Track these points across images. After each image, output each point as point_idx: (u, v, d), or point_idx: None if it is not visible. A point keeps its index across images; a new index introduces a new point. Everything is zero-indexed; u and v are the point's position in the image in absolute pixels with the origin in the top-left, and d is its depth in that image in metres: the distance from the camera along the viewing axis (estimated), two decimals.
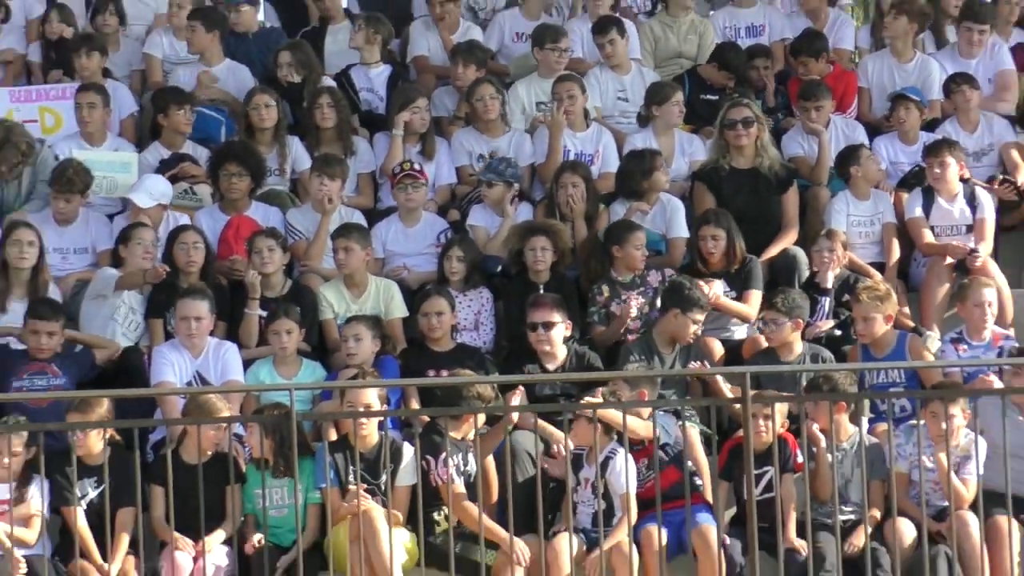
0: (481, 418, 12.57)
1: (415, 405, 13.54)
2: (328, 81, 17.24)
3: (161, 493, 12.24)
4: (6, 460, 12.03)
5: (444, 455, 12.30)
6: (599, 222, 15.45)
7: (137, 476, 11.72)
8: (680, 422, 12.94)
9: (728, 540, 12.26)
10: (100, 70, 16.98)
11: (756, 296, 14.69)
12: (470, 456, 12.66)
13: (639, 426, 12.44)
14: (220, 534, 12.50)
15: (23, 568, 11.99)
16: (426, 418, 13.04)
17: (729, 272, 14.81)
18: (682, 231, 15.43)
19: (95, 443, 12.24)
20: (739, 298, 14.89)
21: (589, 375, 13.73)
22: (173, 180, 15.75)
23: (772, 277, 15.00)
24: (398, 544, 12.15)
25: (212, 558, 12.37)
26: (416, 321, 14.48)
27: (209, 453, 12.59)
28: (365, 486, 12.29)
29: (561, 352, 14.03)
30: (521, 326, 14.27)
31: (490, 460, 12.61)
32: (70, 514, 12.20)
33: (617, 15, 18.34)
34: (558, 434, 12.92)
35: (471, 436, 12.55)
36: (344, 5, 19.87)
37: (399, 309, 14.79)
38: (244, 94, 17.00)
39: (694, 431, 12.92)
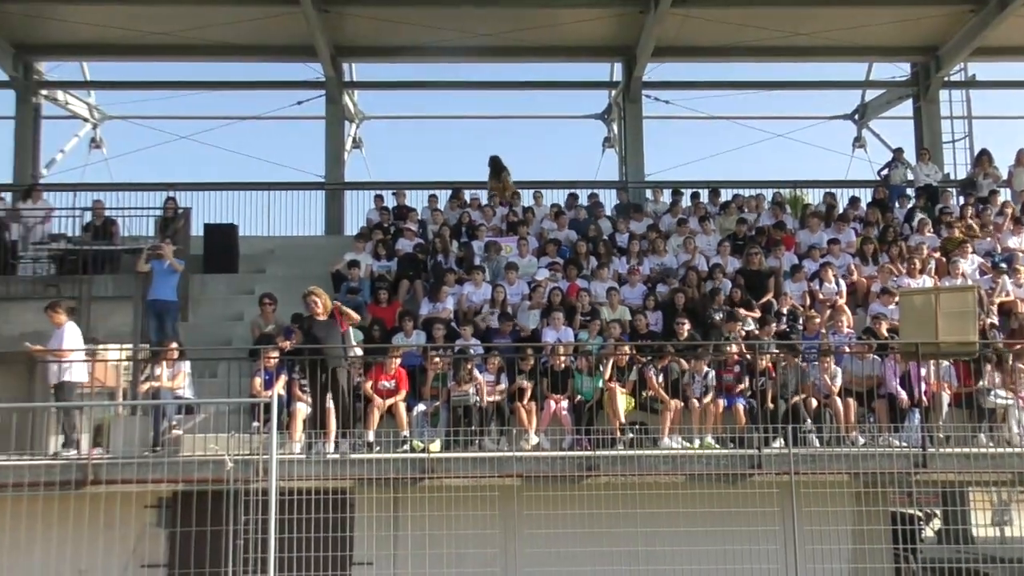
0: None
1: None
2: None
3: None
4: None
5: (651, 370, 12.11)
6: None
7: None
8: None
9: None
10: (524, 233, 16.13)
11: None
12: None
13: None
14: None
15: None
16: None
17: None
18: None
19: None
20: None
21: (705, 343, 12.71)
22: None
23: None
24: (623, 402, 11.82)
25: (563, 404, 11.76)
26: None
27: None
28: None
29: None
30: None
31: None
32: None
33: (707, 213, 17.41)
34: (685, 364, 12.21)
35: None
36: None
37: None
38: None
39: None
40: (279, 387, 11.21)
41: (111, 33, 19.04)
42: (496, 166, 18.78)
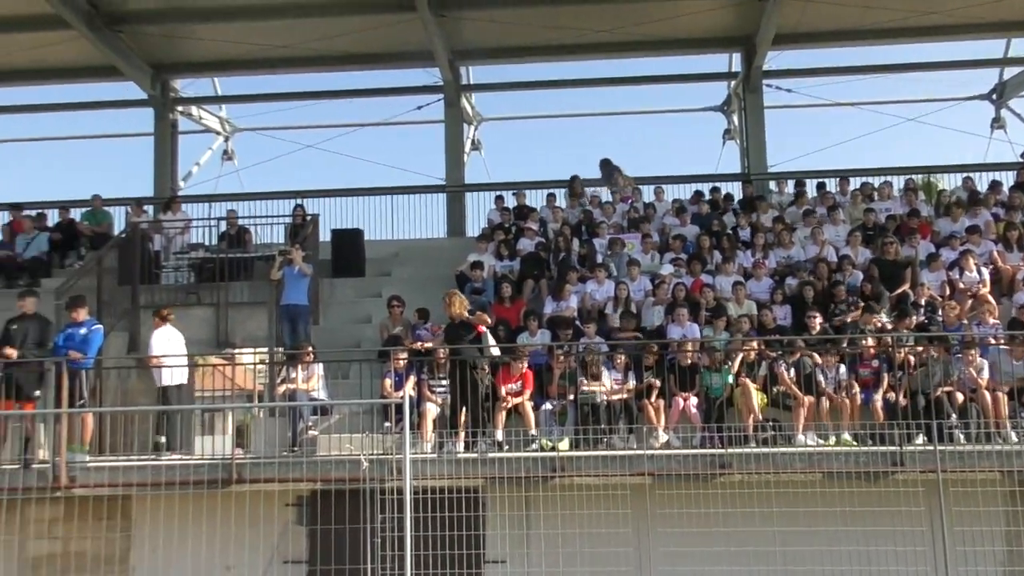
0: None
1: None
2: None
3: None
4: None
5: (782, 365, 11.79)
6: None
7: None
8: None
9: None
10: (647, 230, 15.96)
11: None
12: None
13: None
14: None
15: None
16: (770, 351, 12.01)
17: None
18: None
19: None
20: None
21: (830, 336, 12.46)
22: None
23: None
24: (756, 397, 11.51)
25: (692, 401, 11.56)
26: None
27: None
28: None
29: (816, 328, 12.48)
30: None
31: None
32: None
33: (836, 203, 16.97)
34: (818, 358, 11.86)
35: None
36: None
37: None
38: None
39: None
40: (409, 388, 11.39)
41: (240, 49, 19.78)
42: (607, 169, 18.60)
